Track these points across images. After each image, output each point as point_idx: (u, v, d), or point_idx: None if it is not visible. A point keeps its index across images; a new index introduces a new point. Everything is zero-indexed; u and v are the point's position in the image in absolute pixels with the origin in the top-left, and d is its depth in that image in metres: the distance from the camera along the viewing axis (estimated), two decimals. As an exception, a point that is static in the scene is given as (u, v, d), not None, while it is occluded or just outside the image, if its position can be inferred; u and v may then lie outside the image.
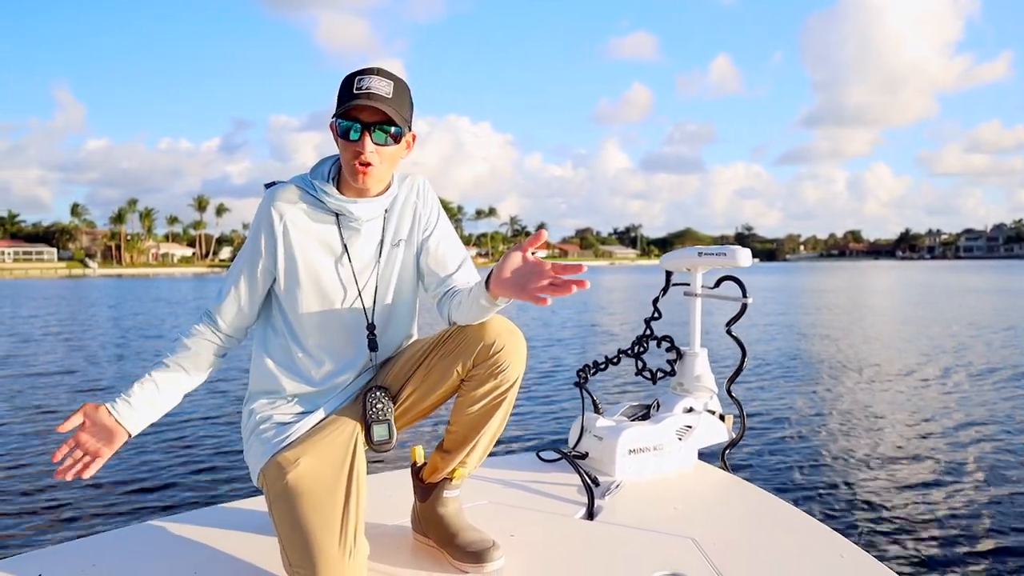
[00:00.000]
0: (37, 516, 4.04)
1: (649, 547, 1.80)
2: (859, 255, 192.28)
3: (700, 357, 2.53)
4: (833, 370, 8.97)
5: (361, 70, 1.58)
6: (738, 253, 2.40)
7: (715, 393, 2.52)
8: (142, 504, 4.24)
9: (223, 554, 1.76)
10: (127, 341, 13.50)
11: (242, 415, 1.74)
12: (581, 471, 2.18)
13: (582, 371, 2.58)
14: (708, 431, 2.44)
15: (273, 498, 1.53)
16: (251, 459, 1.65)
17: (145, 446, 5.48)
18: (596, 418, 2.43)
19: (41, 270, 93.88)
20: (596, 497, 2.11)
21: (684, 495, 2.16)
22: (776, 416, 6.38)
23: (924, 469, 4.81)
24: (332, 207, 1.64)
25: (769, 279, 45.18)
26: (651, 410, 2.52)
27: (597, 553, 1.77)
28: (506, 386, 1.62)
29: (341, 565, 1.41)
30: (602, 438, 2.34)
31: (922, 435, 5.70)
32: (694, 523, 1.95)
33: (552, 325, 15.52)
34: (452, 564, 1.71)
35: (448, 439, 1.73)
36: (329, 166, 1.70)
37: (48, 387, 8.38)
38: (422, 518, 1.81)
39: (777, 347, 11.12)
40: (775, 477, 4.64)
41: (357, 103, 1.53)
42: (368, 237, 1.69)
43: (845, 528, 3.74)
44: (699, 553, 1.76)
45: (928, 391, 7.54)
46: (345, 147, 1.58)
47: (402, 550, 1.80)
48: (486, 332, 1.60)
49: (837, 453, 5.19)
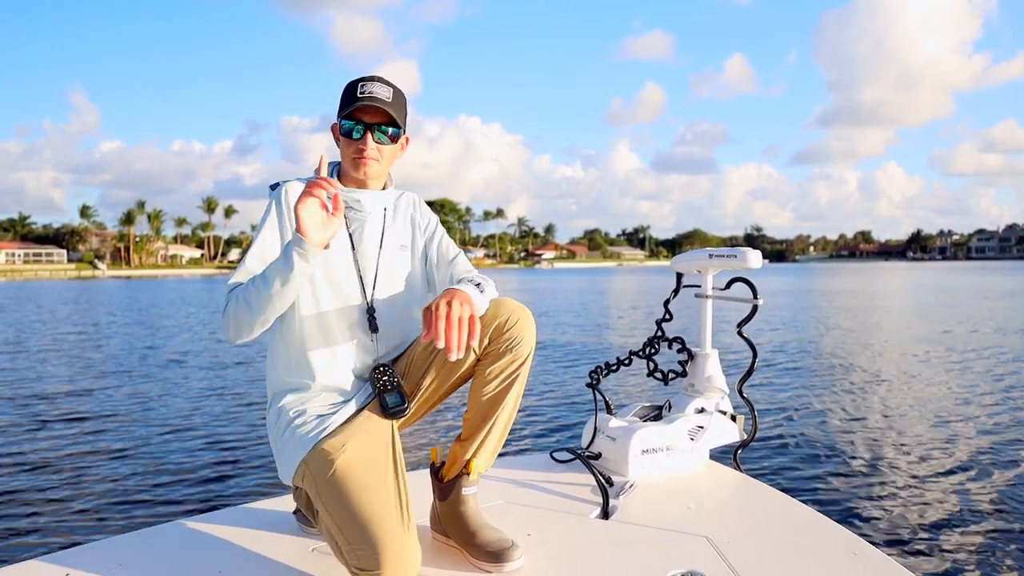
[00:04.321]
0: (66, 515, 4.09)
1: (664, 546, 1.84)
2: (869, 256, 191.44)
3: (711, 358, 2.56)
4: (845, 370, 8.99)
5: (363, 78, 1.73)
6: (748, 255, 2.43)
7: (726, 394, 2.55)
8: (168, 504, 4.28)
9: (247, 553, 1.80)
10: (143, 340, 13.61)
11: (268, 417, 1.78)
12: (595, 471, 2.22)
13: (594, 372, 2.61)
14: (720, 431, 2.47)
15: (321, 486, 1.55)
16: (287, 455, 1.67)
17: (170, 446, 5.54)
18: (609, 419, 2.46)
19: (50, 271, 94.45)
20: (611, 497, 2.14)
21: (697, 495, 2.19)
22: (787, 416, 6.40)
23: (939, 468, 4.79)
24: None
25: (780, 280, 45.11)
26: (663, 411, 2.55)
27: (613, 552, 1.81)
28: (520, 360, 1.71)
29: (404, 537, 1.44)
30: (615, 439, 2.37)
31: (937, 435, 5.69)
32: (708, 522, 1.98)
33: (563, 325, 15.59)
34: (471, 563, 1.73)
35: (466, 427, 1.79)
36: (333, 168, 1.83)
37: (77, 390, 8.47)
38: (442, 517, 1.85)
39: (788, 348, 11.17)
40: (787, 476, 4.64)
41: (361, 105, 1.69)
42: (371, 229, 1.80)
43: (858, 526, 3.76)
44: (713, 551, 1.79)
45: (944, 391, 7.53)
46: (348, 145, 1.73)
47: (422, 548, 1.83)
48: (499, 310, 1.69)
49: (849, 452, 5.20)
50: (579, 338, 13.21)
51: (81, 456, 5.35)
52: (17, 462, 5.20)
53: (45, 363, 10.64)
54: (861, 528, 3.75)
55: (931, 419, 6.25)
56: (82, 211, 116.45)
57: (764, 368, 9.08)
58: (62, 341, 13.81)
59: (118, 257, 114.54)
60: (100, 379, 9.09)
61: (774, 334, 13.13)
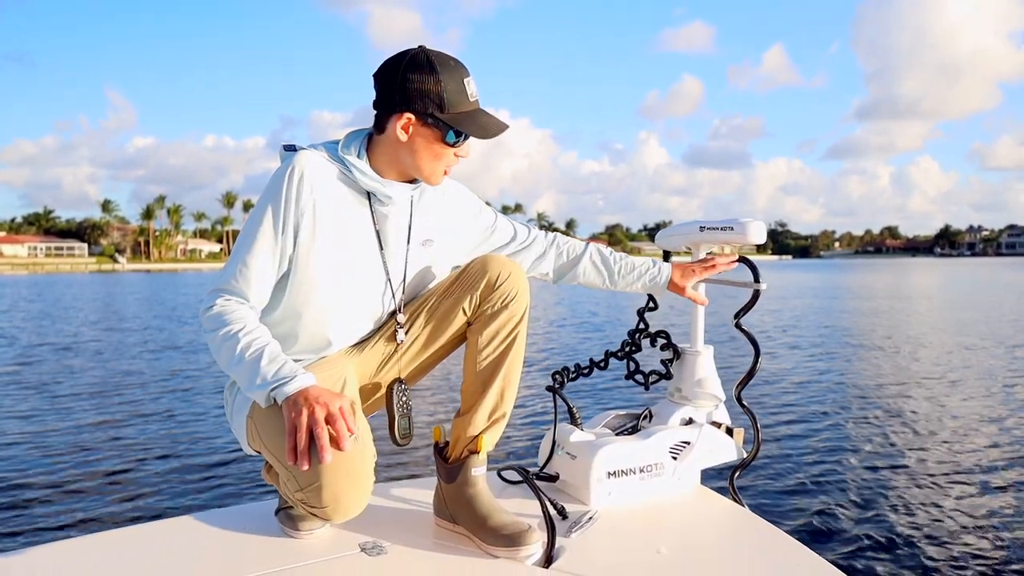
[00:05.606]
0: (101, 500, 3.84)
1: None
2: (896, 252, 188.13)
3: (703, 357, 2.05)
4: (868, 376, 8.00)
5: (460, 64, 1.50)
6: (748, 227, 1.92)
7: (721, 401, 2.04)
8: (174, 499, 4.02)
9: (225, 553, 1.57)
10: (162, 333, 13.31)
11: (225, 398, 1.66)
12: (543, 499, 1.70)
13: (558, 374, 2.08)
14: (712, 449, 1.96)
15: (265, 435, 1.45)
16: (236, 421, 1.56)
17: (177, 442, 5.21)
18: (572, 431, 1.96)
19: (71, 265, 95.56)
20: (559, 534, 1.64)
21: (676, 533, 1.69)
22: (798, 431, 5.38)
23: (979, 505, 3.85)
24: (364, 185, 1.54)
25: (800, 276, 44.14)
26: (641, 421, 2.05)
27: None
28: (517, 317, 1.61)
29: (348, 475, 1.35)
30: (575, 456, 1.87)
31: (980, 460, 4.67)
32: (685, 573, 1.48)
33: (542, 321, 14.78)
34: (482, 549, 1.56)
35: (465, 399, 1.66)
36: (360, 141, 1.57)
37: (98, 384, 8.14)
38: (448, 501, 1.67)
39: (798, 346, 10.37)
40: (795, 510, 3.72)
41: (489, 127, 1.51)
42: (397, 223, 1.61)
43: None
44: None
45: (988, 403, 6.55)
46: (443, 152, 1.52)
47: (425, 536, 1.65)
48: (490, 266, 1.61)
49: (874, 481, 4.25)
50: (562, 334, 12.22)
51: (84, 444, 5.15)
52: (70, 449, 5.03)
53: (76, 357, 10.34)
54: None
55: (977, 439, 5.28)
56: (104, 205, 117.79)
57: (769, 370, 8.03)
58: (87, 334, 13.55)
59: (138, 251, 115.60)
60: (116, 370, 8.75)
61: (783, 330, 12.31)
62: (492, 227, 1.81)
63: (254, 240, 1.49)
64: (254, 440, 1.52)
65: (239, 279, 1.48)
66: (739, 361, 7.77)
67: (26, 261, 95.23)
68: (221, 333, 1.44)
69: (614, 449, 1.84)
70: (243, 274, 1.48)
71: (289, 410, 1.34)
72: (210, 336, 1.47)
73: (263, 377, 1.39)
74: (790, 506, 3.79)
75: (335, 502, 1.35)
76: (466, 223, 1.77)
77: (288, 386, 1.37)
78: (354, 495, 1.37)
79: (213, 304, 1.48)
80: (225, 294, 1.49)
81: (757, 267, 1.97)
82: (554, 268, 1.88)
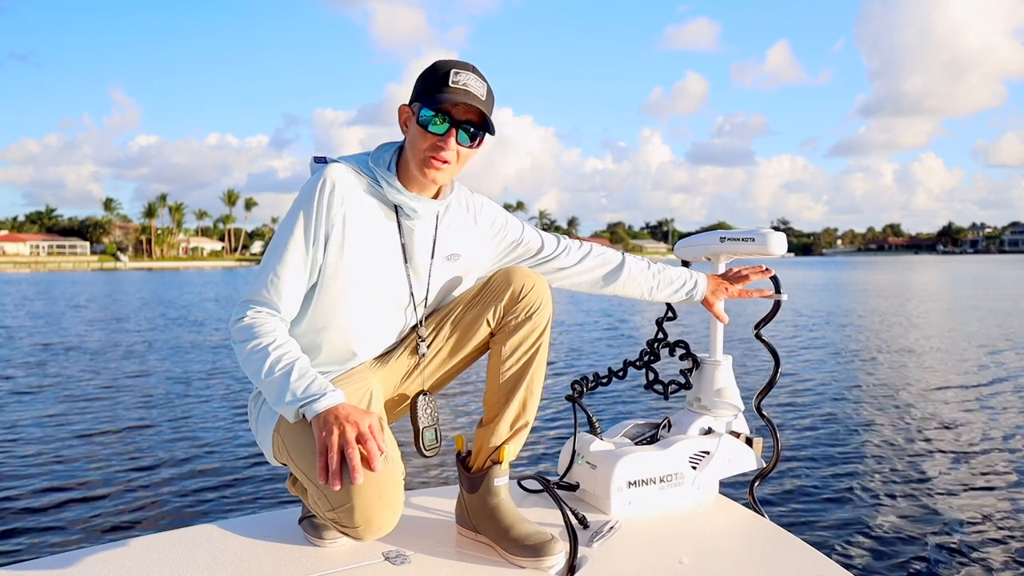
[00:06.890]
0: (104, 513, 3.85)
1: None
2: (899, 249, 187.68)
3: (722, 366, 2.06)
4: (887, 380, 7.69)
5: (456, 62, 1.50)
6: (769, 239, 1.93)
7: (741, 411, 2.06)
8: (195, 507, 3.99)
9: (251, 561, 1.59)
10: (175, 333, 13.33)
11: (249, 408, 1.67)
12: (565, 508, 1.71)
13: (577, 383, 2.10)
14: (731, 458, 1.97)
15: (292, 450, 1.46)
16: (263, 434, 1.57)
17: (195, 447, 5.20)
18: (592, 440, 1.97)
19: (74, 263, 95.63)
20: (581, 543, 1.66)
21: (697, 543, 1.70)
22: (817, 439, 5.18)
23: (1014, 516, 3.63)
24: (392, 198, 1.55)
25: (807, 274, 44.03)
26: (660, 431, 2.06)
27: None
28: (540, 329, 1.64)
29: (379, 497, 1.35)
30: (596, 466, 1.88)
31: (1013, 467, 4.46)
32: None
33: (561, 328, 14.69)
34: (505, 559, 1.58)
35: (488, 409, 1.68)
36: (392, 154, 1.58)
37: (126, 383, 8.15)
38: (471, 511, 1.68)
39: (811, 347, 10.31)
40: (816, 519, 3.63)
41: (455, 98, 1.44)
42: (423, 237, 1.61)
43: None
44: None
45: (1020, 406, 6.28)
46: (423, 137, 1.49)
47: (447, 545, 1.66)
48: (514, 278, 1.62)
49: (896, 490, 4.06)
50: (580, 343, 11.78)
51: (108, 455, 5.10)
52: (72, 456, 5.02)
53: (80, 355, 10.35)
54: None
55: (1015, 437, 5.10)
56: (106, 204, 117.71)
57: (790, 380, 7.61)
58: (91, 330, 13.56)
59: (140, 249, 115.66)
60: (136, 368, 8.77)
61: (804, 339, 12.19)
62: (518, 241, 1.79)
63: (285, 251, 1.49)
64: (280, 453, 1.53)
65: (270, 290, 1.49)
66: (756, 367, 7.71)
67: (28, 259, 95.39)
68: (250, 346, 1.45)
69: (634, 459, 1.86)
70: (274, 285, 1.49)
71: (320, 429, 1.34)
72: (239, 347, 1.47)
73: (293, 393, 1.39)
74: (810, 516, 3.70)
75: (367, 522, 1.34)
76: (492, 238, 1.76)
77: (318, 403, 1.37)
78: (386, 515, 1.37)
79: (244, 315, 1.49)
80: (256, 305, 1.49)
81: (778, 278, 1.99)
82: (591, 279, 1.85)
